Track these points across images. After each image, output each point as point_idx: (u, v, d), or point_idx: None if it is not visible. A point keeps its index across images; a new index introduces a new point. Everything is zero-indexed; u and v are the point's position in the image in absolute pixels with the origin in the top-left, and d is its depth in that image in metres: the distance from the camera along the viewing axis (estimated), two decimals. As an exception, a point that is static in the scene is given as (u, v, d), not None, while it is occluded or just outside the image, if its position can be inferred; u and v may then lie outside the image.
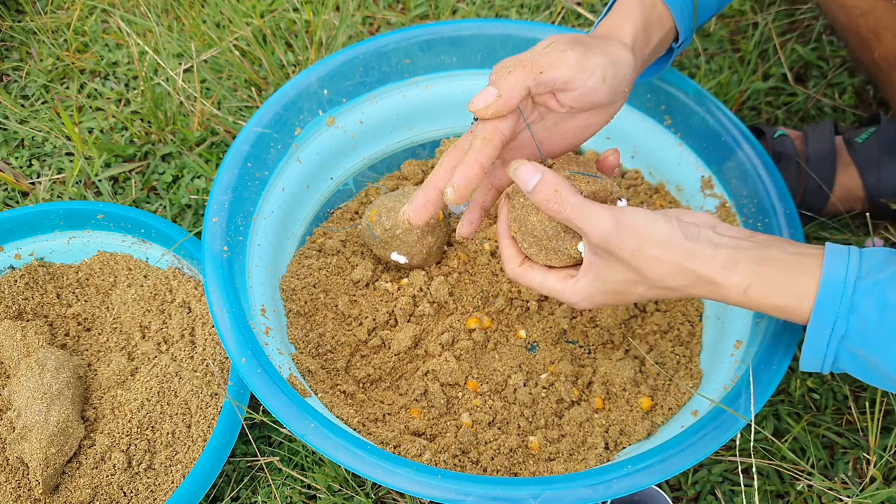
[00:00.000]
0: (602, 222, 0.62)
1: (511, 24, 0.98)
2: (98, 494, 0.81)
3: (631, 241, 0.62)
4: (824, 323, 0.62)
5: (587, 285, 0.67)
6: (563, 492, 0.66)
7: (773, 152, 0.98)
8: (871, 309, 0.60)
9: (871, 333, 0.60)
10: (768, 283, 0.63)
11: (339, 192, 0.99)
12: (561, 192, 0.63)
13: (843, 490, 0.79)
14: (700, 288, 0.64)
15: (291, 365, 0.80)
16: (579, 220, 0.63)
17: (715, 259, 0.63)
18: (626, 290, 0.66)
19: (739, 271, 0.63)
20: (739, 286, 0.63)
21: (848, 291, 0.61)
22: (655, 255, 0.63)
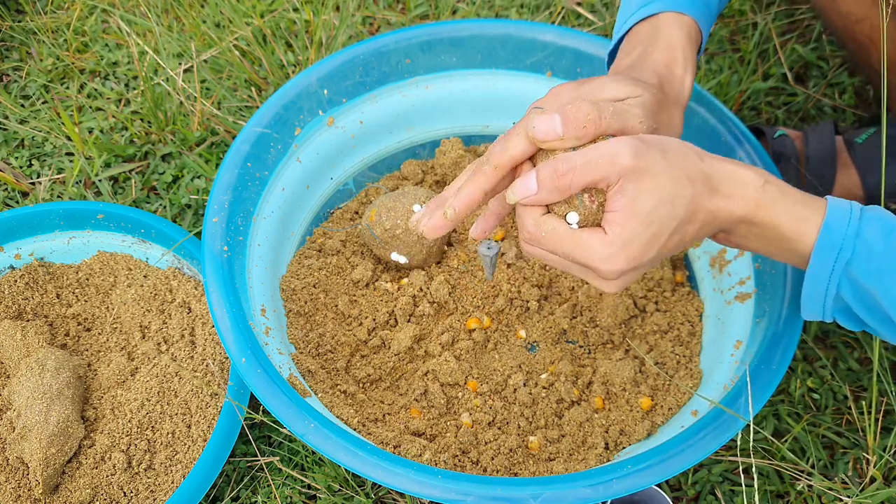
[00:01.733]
0: (620, 144, 0.56)
1: (511, 24, 0.98)
2: (98, 494, 0.81)
3: (654, 149, 0.57)
4: (831, 245, 0.61)
5: (620, 233, 0.57)
6: (563, 492, 0.66)
7: (773, 152, 0.98)
8: (876, 236, 0.60)
9: (875, 262, 0.60)
10: (782, 186, 0.62)
11: (339, 192, 0.99)
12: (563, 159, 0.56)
13: (843, 490, 0.79)
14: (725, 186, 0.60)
15: (291, 365, 0.80)
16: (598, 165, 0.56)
17: (728, 160, 0.62)
18: (663, 218, 0.57)
19: (754, 170, 0.62)
20: (757, 179, 0.61)
21: (855, 216, 0.61)
22: (682, 159, 0.58)
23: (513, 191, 0.58)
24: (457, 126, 1.03)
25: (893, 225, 0.61)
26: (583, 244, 0.58)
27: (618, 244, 0.57)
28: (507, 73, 1.00)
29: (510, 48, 0.98)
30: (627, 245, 0.57)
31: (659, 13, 0.74)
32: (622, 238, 0.57)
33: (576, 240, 0.58)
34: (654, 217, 0.57)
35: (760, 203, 0.61)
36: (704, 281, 0.91)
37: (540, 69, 0.99)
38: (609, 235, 0.57)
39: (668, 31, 0.73)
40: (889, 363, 0.90)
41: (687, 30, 0.73)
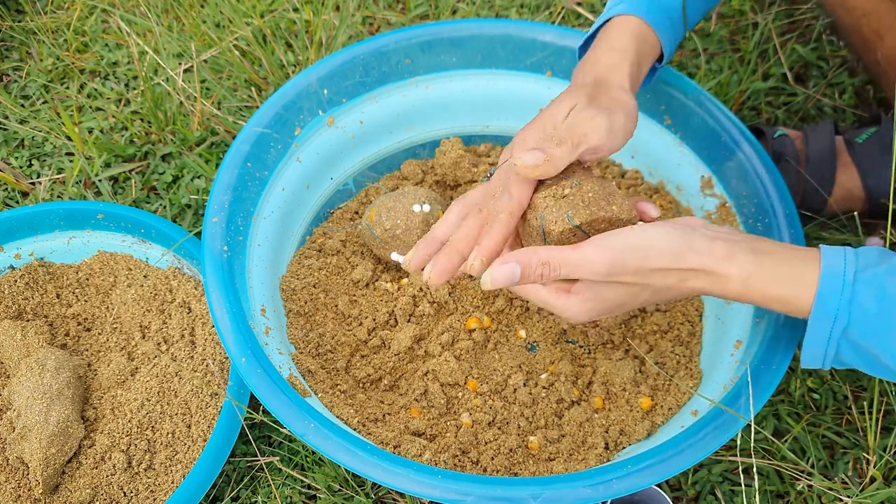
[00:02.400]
0: (600, 261, 0.63)
1: (511, 24, 0.98)
2: (98, 494, 0.81)
3: (632, 262, 0.63)
4: (826, 315, 0.62)
5: (582, 302, 0.66)
6: (563, 492, 0.66)
7: (773, 152, 0.98)
8: (871, 299, 0.61)
9: (871, 324, 0.61)
10: (768, 274, 0.64)
11: (339, 192, 0.99)
12: (548, 262, 0.64)
13: (843, 490, 0.79)
14: (701, 281, 0.65)
15: (291, 365, 0.80)
16: (577, 272, 0.64)
17: (713, 251, 0.64)
18: (626, 302, 0.67)
19: (738, 262, 0.64)
20: (739, 276, 0.64)
21: (848, 282, 0.62)
22: (659, 266, 0.64)
23: (493, 279, 0.64)
24: (457, 126, 1.03)
25: (885, 286, 0.61)
26: (548, 301, 0.68)
27: (576, 310, 0.67)
28: (507, 73, 1.00)
29: (510, 48, 0.98)
30: (586, 312, 0.67)
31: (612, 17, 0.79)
32: (582, 307, 0.67)
33: (543, 298, 0.68)
34: (615, 301, 0.66)
35: (745, 294, 0.65)
36: (704, 281, 0.91)
37: (540, 69, 0.99)
38: (571, 301, 0.67)
39: (615, 32, 0.78)
40: (889, 363, 0.90)
41: (634, 31, 0.78)
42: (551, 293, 0.68)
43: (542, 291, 0.68)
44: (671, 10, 0.80)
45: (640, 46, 0.77)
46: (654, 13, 0.78)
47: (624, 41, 0.77)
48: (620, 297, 0.66)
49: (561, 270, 0.64)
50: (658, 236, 0.64)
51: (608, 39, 0.78)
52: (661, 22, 0.79)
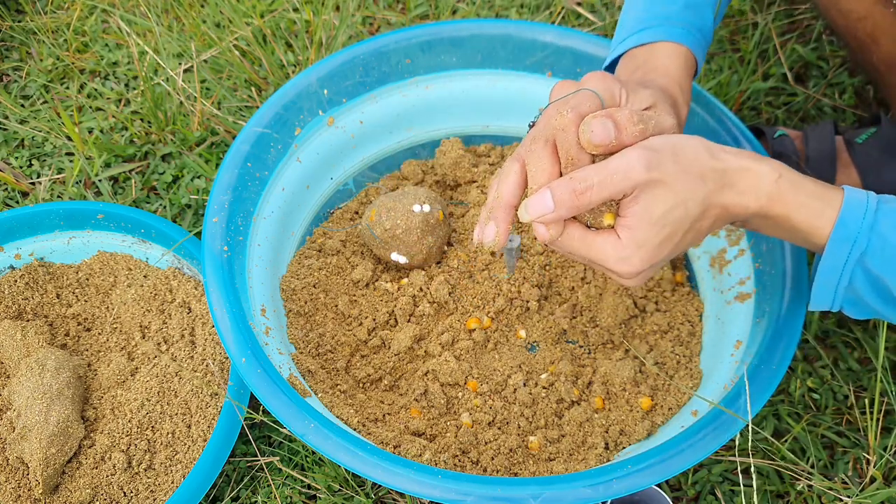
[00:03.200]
0: (635, 159, 0.57)
1: (511, 24, 0.98)
2: (98, 494, 0.81)
3: (668, 155, 0.58)
4: (845, 238, 0.62)
5: (634, 239, 0.59)
6: (563, 492, 0.66)
7: (773, 152, 0.98)
8: (892, 228, 0.61)
9: (889, 254, 0.61)
10: (797, 178, 0.62)
11: (339, 192, 0.99)
12: (583, 178, 0.57)
13: (843, 490, 0.79)
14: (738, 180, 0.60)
15: (291, 365, 0.80)
16: (613, 180, 0.57)
17: (743, 153, 0.62)
18: (676, 220, 0.59)
19: (769, 162, 0.62)
20: (771, 174, 0.61)
21: (871, 209, 0.61)
22: (696, 159, 0.60)
23: (527, 209, 0.59)
24: (457, 126, 1.03)
25: None
26: (596, 248, 0.60)
27: (631, 248, 0.59)
28: (507, 73, 1.00)
29: (510, 48, 0.98)
30: (640, 248, 0.59)
31: (656, 42, 0.76)
32: (635, 242, 0.59)
33: (589, 244, 0.61)
34: (666, 221, 0.59)
35: (774, 197, 0.61)
36: (704, 281, 0.91)
37: (540, 69, 0.99)
38: (622, 240, 0.59)
39: (665, 60, 0.75)
40: (889, 363, 0.90)
41: (684, 61, 0.75)
42: (594, 234, 0.61)
43: (586, 235, 0.61)
44: (706, 31, 0.79)
45: (691, 80, 0.76)
46: (695, 38, 0.77)
47: (680, 75, 0.74)
48: (672, 212, 0.58)
49: (595, 181, 0.57)
50: (683, 137, 0.61)
51: (663, 68, 0.74)
52: (699, 44, 0.77)
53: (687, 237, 0.61)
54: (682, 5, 0.78)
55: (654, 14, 0.77)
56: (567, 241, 0.61)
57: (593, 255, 0.61)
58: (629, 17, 0.80)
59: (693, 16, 0.77)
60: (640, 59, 0.76)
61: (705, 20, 0.79)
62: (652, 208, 0.58)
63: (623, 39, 0.79)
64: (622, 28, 0.81)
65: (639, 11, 0.79)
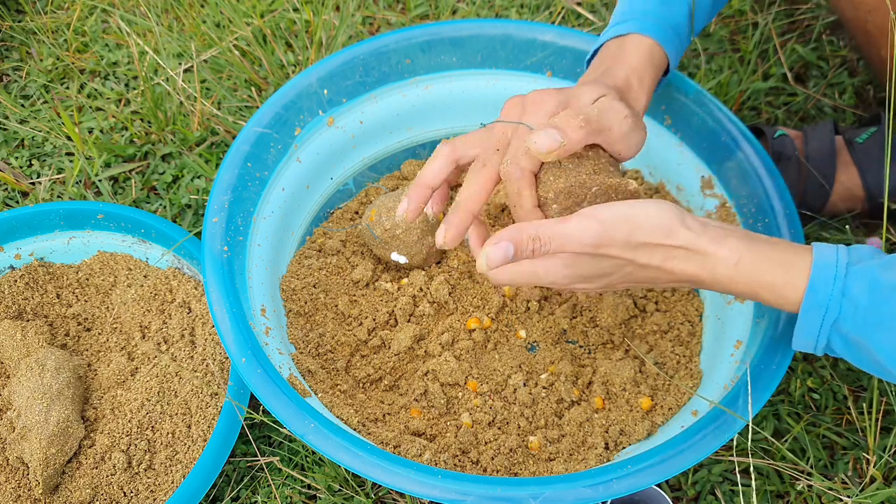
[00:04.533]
0: (588, 233, 0.62)
1: (511, 24, 0.98)
2: (98, 494, 0.81)
3: (621, 234, 0.62)
4: (817, 305, 0.62)
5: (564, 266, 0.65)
6: (563, 492, 0.66)
7: (773, 152, 0.98)
8: (863, 292, 0.61)
9: (861, 317, 0.61)
10: (759, 259, 0.63)
11: (339, 192, 0.99)
12: (538, 237, 0.63)
13: (843, 490, 0.79)
14: (688, 262, 0.63)
15: (291, 365, 0.80)
16: (567, 244, 0.62)
17: (705, 231, 0.63)
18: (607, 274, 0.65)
19: (729, 244, 0.63)
20: (730, 259, 0.63)
21: (840, 275, 0.61)
22: (647, 240, 0.62)
23: (488, 260, 0.63)
24: (457, 126, 1.03)
25: (877, 277, 0.61)
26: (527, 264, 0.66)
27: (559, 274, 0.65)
28: (507, 73, 1.00)
29: (510, 48, 0.98)
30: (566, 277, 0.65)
31: (627, 34, 0.78)
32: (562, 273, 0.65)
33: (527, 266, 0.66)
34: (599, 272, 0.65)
35: (734, 279, 0.64)
36: (704, 281, 0.91)
37: (540, 69, 0.99)
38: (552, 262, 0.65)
39: (630, 50, 0.77)
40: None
41: (649, 52, 0.77)
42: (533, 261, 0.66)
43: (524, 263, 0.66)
44: (679, 28, 0.80)
45: (654, 72, 0.77)
46: (665, 33, 0.78)
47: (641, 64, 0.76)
48: (605, 268, 0.64)
49: (551, 244, 0.62)
50: (650, 209, 0.63)
51: (625, 58, 0.76)
52: (669, 39, 0.79)
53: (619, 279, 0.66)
54: (658, 2, 0.80)
55: (632, 9, 0.80)
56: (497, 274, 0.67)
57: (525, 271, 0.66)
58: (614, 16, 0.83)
59: (667, 12, 0.79)
60: (610, 50, 0.79)
61: (678, 17, 0.80)
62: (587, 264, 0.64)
63: (603, 35, 0.82)
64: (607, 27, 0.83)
65: (622, 7, 0.82)
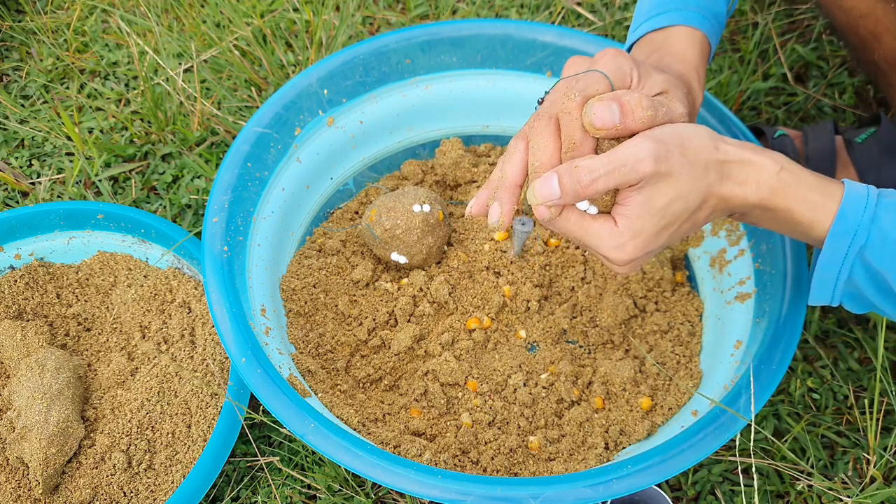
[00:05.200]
0: (643, 149, 0.57)
1: (511, 24, 0.98)
2: (98, 494, 0.81)
3: (675, 146, 0.58)
4: (845, 231, 0.61)
5: (631, 227, 0.59)
6: (563, 492, 0.66)
7: (773, 152, 0.98)
8: (892, 223, 0.60)
9: (889, 248, 0.61)
10: (798, 172, 0.62)
11: (339, 192, 0.99)
12: (588, 166, 0.57)
13: (843, 490, 0.79)
14: (737, 172, 0.61)
15: (291, 365, 0.80)
16: (620, 170, 0.57)
17: (745, 145, 0.62)
18: (676, 212, 0.59)
19: (771, 155, 0.62)
20: (773, 166, 0.61)
21: (871, 203, 0.61)
22: (700, 150, 0.59)
23: (534, 192, 0.58)
24: (457, 126, 1.03)
25: None
26: (592, 232, 0.60)
27: (627, 235, 0.59)
28: (507, 73, 1.00)
29: (510, 48, 0.98)
30: (636, 236, 0.59)
31: (673, 26, 0.75)
32: (632, 230, 0.59)
33: (586, 227, 0.60)
34: (666, 212, 0.59)
35: (775, 189, 0.61)
36: (704, 281, 0.91)
37: (540, 69, 0.99)
38: (619, 227, 0.59)
39: (681, 45, 0.74)
40: (889, 363, 0.90)
41: (700, 46, 0.75)
42: (591, 219, 0.60)
43: (582, 220, 0.60)
44: (720, 16, 0.78)
45: (705, 63, 0.76)
46: (710, 23, 0.76)
47: (696, 61, 0.73)
48: (672, 204, 0.58)
49: (601, 172, 0.56)
50: (690, 127, 0.60)
51: (679, 53, 0.73)
52: (714, 30, 0.77)
53: (684, 227, 0.61)
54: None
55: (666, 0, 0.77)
56: (563, 222, 0.61)
57: (588, 240, 0.61)
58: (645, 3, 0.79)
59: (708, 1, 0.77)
60: (656, 42, 0.75)
61: (719, 5, 0.78)
62: (653, 200, 0.58)
63: (640, 24, 0.78)
64: (638, 15, 0.80)
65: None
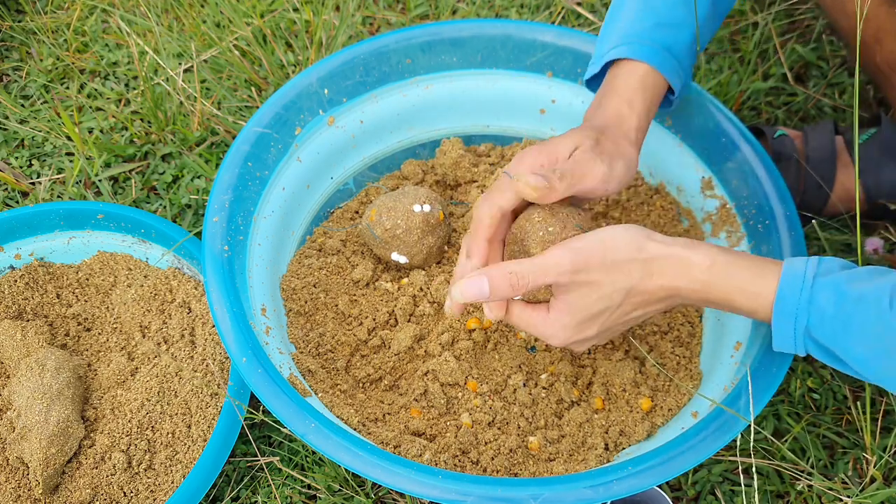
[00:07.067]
0: (564, 260, 0.65)
1: (511, 24, 0.98)
2: (98, 494, 0.81)
3: (595, 256, 0.65)
4: (787, 313, 0.64)
5: (559, 317, 0.68)
6: (562, 492, 0.66)
7: (773, 152, 0.98)
8: (829, 302, 0.63)
9: (829, 326, 0.63)
10: (732, 262, 0.66)
11: (339, 191, 0.99)
12: (515, 271, 0.65)
13: (843, 490, 0.79)
14: (665, 270, 0.65)
15: (291, 364, 0.80)
16: (544, 277, 0.65)
17: (675, 242, 0.67)
18: (602, 312, 0.67)
19: (702, 249, 0.66)
20: (703, 262, 0.65)
21: (808, 285, 0.64)
22: (621, 257, 0.65)
23: (462, 293, 0.66)
24: (457, 126, 1.03)
25: (842, 288, 0.63)
26: (526, 320, 0.70)
27: (557, 326, 0.68)
28: (507, 73, 1.00)
29: (510, 48, 0.98)
30: (564, 328, 0.68)
31: (622, 59, 0.79)
32: (560, 322, 0.68)
33: (522, 316, 0.70)
34: (590, 310, 0.67)
35: (708, 283, 0.66)
36: (704, 281, 0.91)
37: (540, 69, 0.99)
38: (550, 318, 0.68)
39: (622, 79, 0.79)
40: (889, 363, 0.90)
41: (640, 77, 0.78)
42: (529, 310, 0.69)
43: (522, 311, 0.69)
44: (674, 48, 0.80)
45: (648, 95, 0.78)
46: (659, 56, 0.78)
47: (631, 91, 0.78)
48: (593, 304, 0.66)
49: (529, 277, 0.65)
50: (618, 230, 0.66)
51: (616, 87, 0.78)
52: (665, 62, 0.79)
53: (613, 317, 0.68)
54: (651, 24, 0.80)
55: (627, 32, 0.81)
56: (509, 317, 0.70)
57: (527, 328, 0.70)
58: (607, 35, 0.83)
59: (662, 35, 0.79)
60: (607, 80, 0.81)
61: (677, 41, 0.80)
62: (577, 301, 0.66)
63: (595, 60, 0.83)
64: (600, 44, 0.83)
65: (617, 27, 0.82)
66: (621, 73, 0.79)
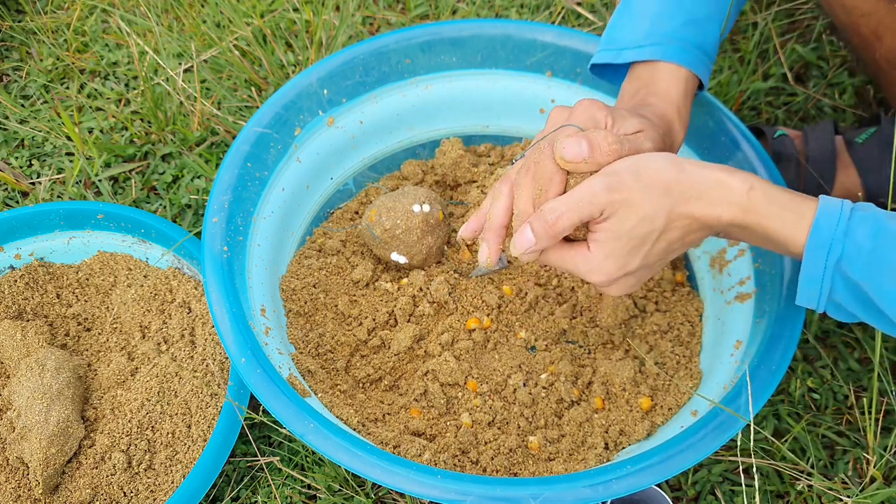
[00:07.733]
0: (596, 182, 0.62)
1: (511, 24, 0.98)
2: (98, 494, 0.81)
3: (628, 174, 0.62)
4: (820, 244, 0.62)
5: (602, 251, 0.64)
6: (562, 492, 0.66)
7: (773, 152, 0.98)
8: (866, 235, 0.61)
9: (865, 261, 0.61)
10: (769, 191, 0.64)
11: (339, 192, 0.99)
12: (552, 208, 0.63)
13: (843, 490, 0.79)
14: (704, 196, 0.63)
15: (291, 365, 0.80)
16: (580, 205, 0.62)
17: (712, 166, 0.64)
18: (642, 234, 0.63)
19: (740, 175, 0.64)
20: (742, 187, 0.63)
21: (844, 216, 0.62)
22: (658, 175, 0.62)
23: (515, 246, 0.65)
24: (457, 126, 1.03)
25: (882, 223, 0.61)
26: (568, 259, 0.66)
27: (599, 258, 0.64)
28: (507, 73, 1.00)
29: (510, 48, 0.98)
30: (607, 258, 0.64)
31: (657, 61, 0.77)
32: (603, 252, 0.64)
33: (563, 256, 0.67)
34: (632, 234, 0.63)
35: (746, 208, 0.64)
36: (704, 281, 0.91)
37: (540, 69, 0.99)
38: (591, 251, 0.65)
39: (665, 84, 0.77)
40: (889, 363, 0.90)
41: (685, 84, 0.77)
42: (568, 247, 0.66)
43: (560, 249, 0.66)
44: (705, 45, 0.79)
45: (690, 101, 0.78)
46: (697, 57, 0.77)
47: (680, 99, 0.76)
48: (635, 227, 0.62)
49: (563, 209, 0.62)
50: (651, 154, 0.64)
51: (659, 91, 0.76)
52: (701, 64, 0.78)
53: (657, 247, 0.65)
54: (681, 21, 0.78)
55: (655, 31, 0.78)
56: (545, 257, 0.67)
57: (568, 266, 0.67)
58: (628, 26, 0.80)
59: (693, 33, 0.78)
60: (643, 79, 0.78)
61: (707, 36, 0.79)
62: (618, 225, 0.63)
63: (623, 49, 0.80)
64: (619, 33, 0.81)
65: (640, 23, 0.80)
66: (661, 76, 0.77)
